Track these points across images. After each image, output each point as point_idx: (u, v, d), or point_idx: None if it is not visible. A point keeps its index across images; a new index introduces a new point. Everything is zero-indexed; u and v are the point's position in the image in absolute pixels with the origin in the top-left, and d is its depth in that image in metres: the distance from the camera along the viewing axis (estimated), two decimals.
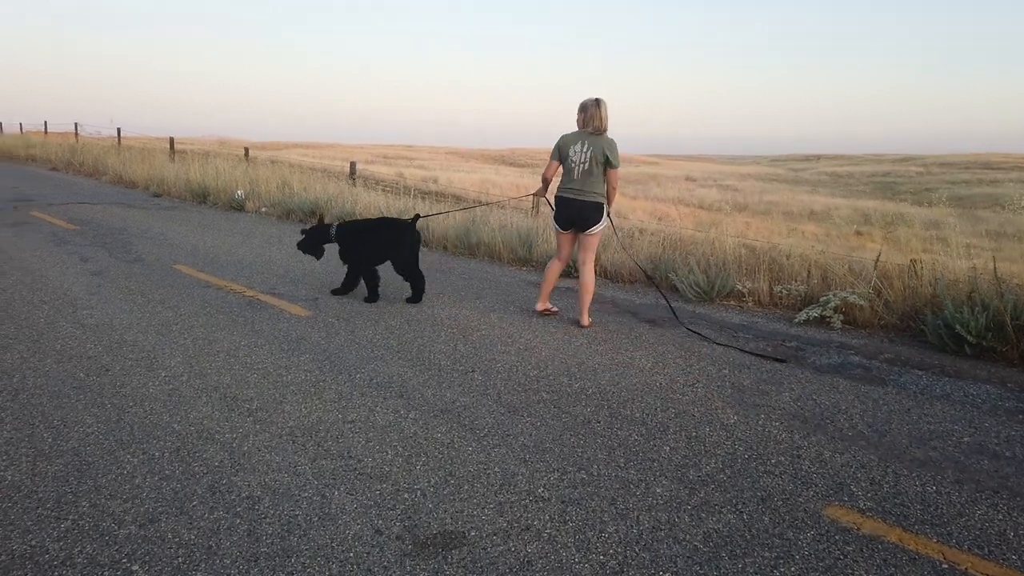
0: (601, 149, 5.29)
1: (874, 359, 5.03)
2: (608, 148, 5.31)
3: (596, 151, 5.30)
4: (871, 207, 24.31)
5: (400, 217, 7.62)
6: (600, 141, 5.31)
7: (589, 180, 5.37)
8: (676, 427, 3.78)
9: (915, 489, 3.15)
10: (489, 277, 7.70)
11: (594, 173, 5.35)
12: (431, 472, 3.23)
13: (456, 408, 3.96)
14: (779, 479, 3.22)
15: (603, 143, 5.30)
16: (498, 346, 5.13)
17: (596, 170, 5.34)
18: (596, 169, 5.33)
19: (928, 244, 8.82)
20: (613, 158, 5.32)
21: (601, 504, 2.98)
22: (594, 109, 5.30)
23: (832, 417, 3.95)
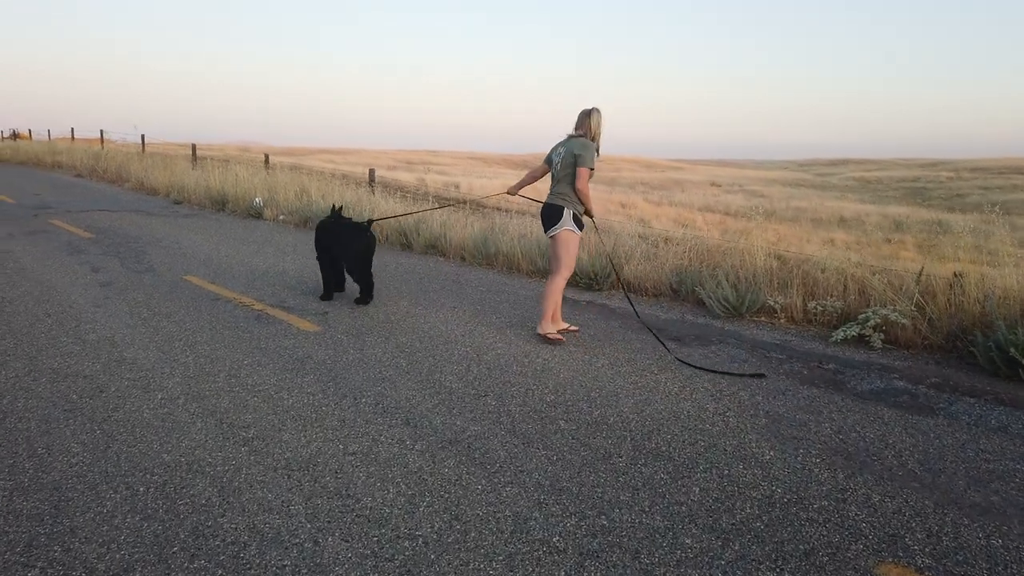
0: (571, 149, 5.25)
1: (920, 384, 4.66)
2: (577, 147, 5.22)
3: (567, 152, 5.28)
4: (902, 213, 23.66)
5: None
6: (572, 142, 5.29)
7: (558, 184, 5.35)
8: (706, 463, 3.45)
9: (978, 542, 2.79)
10: (507, 289, 7.41)
11: (564, 175, 5.31)
12: (435, 515, 2.94)
13: (466, 438, 3.67)
14: (823, 528, 2.88)
15: (573, 143, 5.26)
16: (514, 367, 4.83)
17: (566, 172, 5.29)
18: (566, 171, 5.28)
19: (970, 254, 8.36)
20: (581, 156, 5.18)
21: (623, 557, 2.67)
22: (583, 117, 5.33)
23: (879, 453, 3.60)
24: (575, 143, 5.27)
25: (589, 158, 5.20)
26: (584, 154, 5.19)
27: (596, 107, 5.34)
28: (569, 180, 5.27)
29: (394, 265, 8.62)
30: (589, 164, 5.20)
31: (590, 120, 5.29)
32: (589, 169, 5.21)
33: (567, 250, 5.38)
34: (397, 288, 7.26)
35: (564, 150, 5.33)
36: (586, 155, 5.19)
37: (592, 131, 5.29)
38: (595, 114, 5.30)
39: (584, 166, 5.19)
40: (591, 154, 5.23)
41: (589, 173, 5.23)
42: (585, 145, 5.23)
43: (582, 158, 5.19)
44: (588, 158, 5.20)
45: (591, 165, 5.22)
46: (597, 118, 5.31)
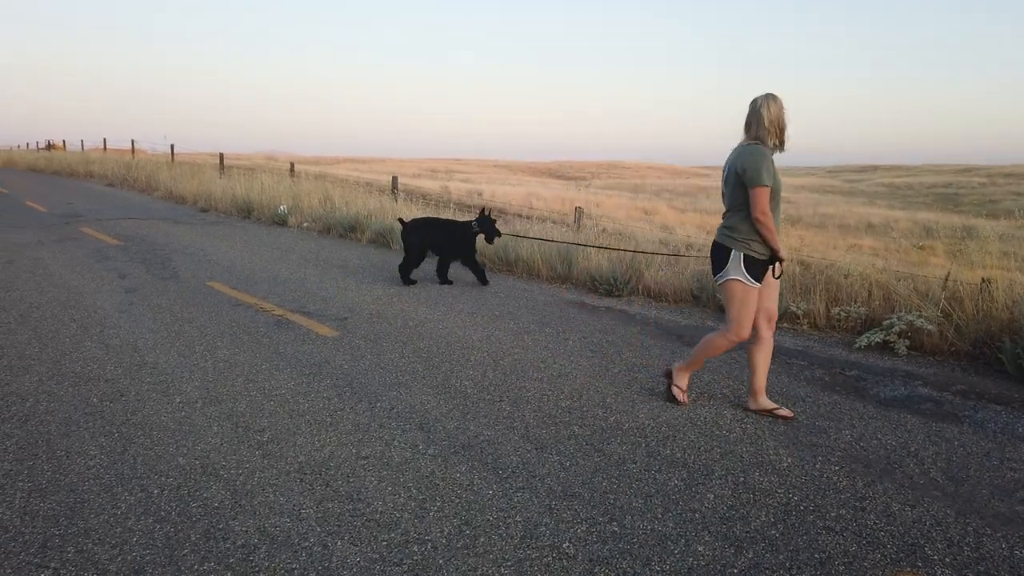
0: (734, 164, 3.84)
1: (945, 391, 4.55)
2: (743, 159, 3.78)
3: (731, 168, 3.89)
4: (932, 219, 23.25)
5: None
6: (737, 152, 3.86)
7: (728, 214, 3.95)
8: (722, 470, 3.39)
9: (1001, 552, 2.71)
10: (526, 295, 7.39)
11: (734, 202, 3.90)
12: (445, 520, 2.92)
13: (479, 443, 3.65)
14: (840, 537, 2.82)
15: (738, 153, 3.84)
16: (530, 372, 4.81)
17: (735, 196, 3.87)
18: (735, 196, 3.87)
19: (1000, 260, 8.17)
20: (749, 171, 3.73)
21: (634, 565, 2.63)
22: (751, 112, 3.85)
23: (900, 461, 3.52)
24: (740, 153, 3.82)
25: (763, 172, 3.70)
26: (754, 167, 3.71)
27: (770, 94, 3.84)
28: (740, 208, 3.83)
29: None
30: (763, 181, 3.69)
31: (761, 115, 3.80)
32: (764, 187, 3.70)
33: (737, 306, 3.90)
34: (416, 294, 7.28)
35: (728, 166, 3.92)
36: (757, 168, 3.70)
37: (767, 130, 3.80)
38: (768, 105, 3.80)
39: (756, 184, 3.70)
40: (765, 166, 3.71)
41: (766, 194, 3.71)
42: (754, 154, 3.74)
43: (751, 174, 3.71)
44: (761, 172, 3.70)
45: (767, 182, 3.70)
46: (774, 110, 3.79)
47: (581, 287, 7.84)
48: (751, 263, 3.85)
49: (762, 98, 3.83)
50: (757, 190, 3.72)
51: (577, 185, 46.20)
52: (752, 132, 3.84)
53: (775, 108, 3.81)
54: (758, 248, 3.84)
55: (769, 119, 3.79)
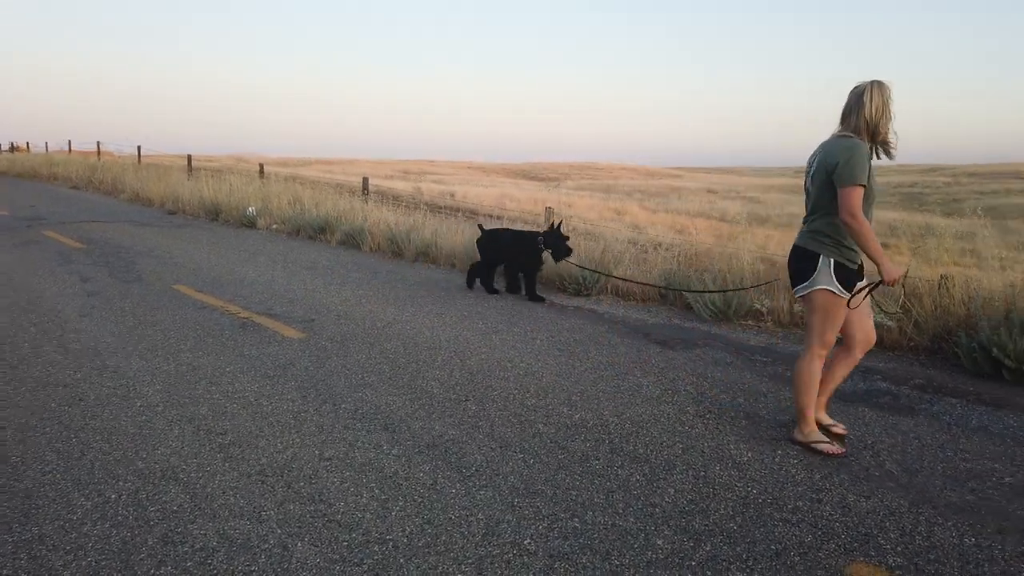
0: (825, 158, 3.38)
1: (903, 385, 4.64)
2: (836, 153, 3.32)
3: (820, 163, 3.42)
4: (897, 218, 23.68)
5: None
6: (829, 145, 3.41)
7: (812, 216, 3.52)
8: (683, 465, 3.43)
9: (951, 541, 2.78)
10: (496, 296, 7.40)
11: (820, 202, 3.45)
12: (407, 519, 2.92)
13: (444, 442, 3.65)
14: (796, 528, 2.86)
15: (831, 147, 3.38)
16: (497, 371, 4.82)
17: (822, 196, 3.42)
18: (822, 195, 3.42)
19: (959, 257, 8.36)
20: (841, 168, 3.28)
21: (593, 559, 2.65)
22: (852, 102, 3.39)
23: (857, 453, 3.58)
24: (834, 146, 3.35)
25: (856, 170, 3.24)
26: (848, 164, 3.25)
27: (876, 81, 3.34)
28: (827, 208, 3.40)
29: (384, 272, 8.62)
30: (857, 180, 3.24)
31: (863, 102, 3.33)
32: (858, 187, 3.24)
33: (822, 319, 3.48)
34: (385, 296, 7.26)
35: (817, 161, 3.44)
36: (851, 164, 3.25)
37: (869, 123, 3.33)
38: (871, 93, 3.32)
39: (848, 184, 3.24)
40: (860, 162, 3.24)
41: (859, 195, 3.24)
42: (850, 148, 3.28)
43: (843, 170, 3.26)
44: (854, 170, 3.24)
45: (862, 181, 3.24)
46: (877, 100, 3.31)
47: (550, 286, 7.86)
48: (843, 271, 3.39)
49: (866, 84, 3.35)
50: (848, 190, 3.24)
51: (550, 186, 46.33)
52: (850, 123, 3.37)
53: (879, 98, 3.31)
54: (850, 255, 3.40)
55: (871, 112, 3.31)
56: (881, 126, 3.34)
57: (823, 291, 3.43)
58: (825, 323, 3.49)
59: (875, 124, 3.33)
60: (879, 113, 3.32)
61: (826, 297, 3.44)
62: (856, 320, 3.60)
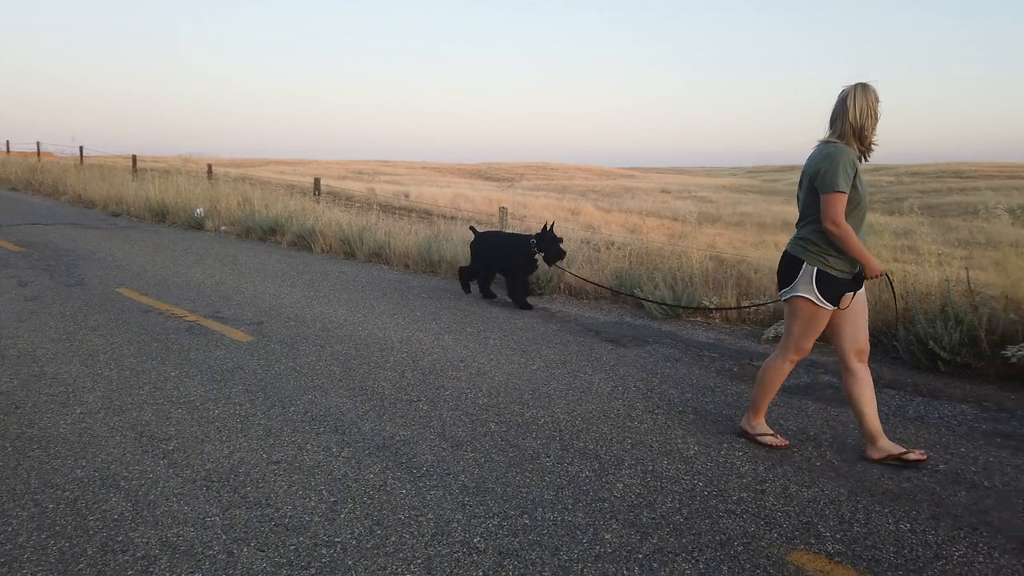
0: (808, 165, 3.40)
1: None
2: (817, 160, 3.33)
3: (804, 170, 3.44)
4: None
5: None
6: (815, 151, 3.41)
7: (802, 223, 3.50)
8: (632, 460, 3.48)
9: (888, 527, 2.87)
10: (449, 296, 7.39)
11: (807, 209, 3.44)
12: (357, 521, 2.90)
13: (395, 443, 3.63)
14: (740, 519, 2.93)
15: (815, 153, 3.39)
16: (449, 371, 4.81)
17: (808, 202, 3.42)
18: (808, 201, 3.42)
19: (899, 254, 8.63)
20: (821, 175, 3.28)
21: (543, 555, 2.67)
22: (837, 106, 3.36)
23: (800, 444, 3.68)
24: (816, 153, 3.36)
25: (839, 176, 3.22)
26: (828, 171, 3.24)
27: (860, 84, 3.30)
28: (813, 216, 3.37)
29: (336, 274, 8.53)
30: (836, 187, 3.22)
31: (847, 110, 3.29)
32: (839, 194, 3.23)
33: (801, 327, 3.45)
34: (337, 297, 7.18)
35: (805, 167, 3.44)
36: (832, 171, 3.23)
37: (854, 127, 3.30)
38: (855, 97, 3.29)
39: (829, 189, 3.23)
40: (841, 169, 3.22)
41: (841, 201, 3.23)
42: (832, 155, 3.26)
43: (824, 177, 3.26)
44: (836, 175, 3.22)
45: (842, 188, 3.22)
46: (861, 103, 3.28)
47: (502, 285, 7.87)
48: (826, 281, 3.34)
49: (850, 88, 3.31)
50: (828, 196, 3.23)
51: (505, 186, 46.41)
52: (836, 128, 3.35)
53: (862, 101, 3.27)
54: (837, 264, 3.33)
55: (855, 115, 3.28)
56: (867, 129, 3.31)
57: (802, 299, 3.40)
58: (803, 331, 3.45)
59: (860, 128, 3.30)
60: (863, 116, 3.28)
61: (805, 305, 3.39)
62: (840, 331, 3.48)
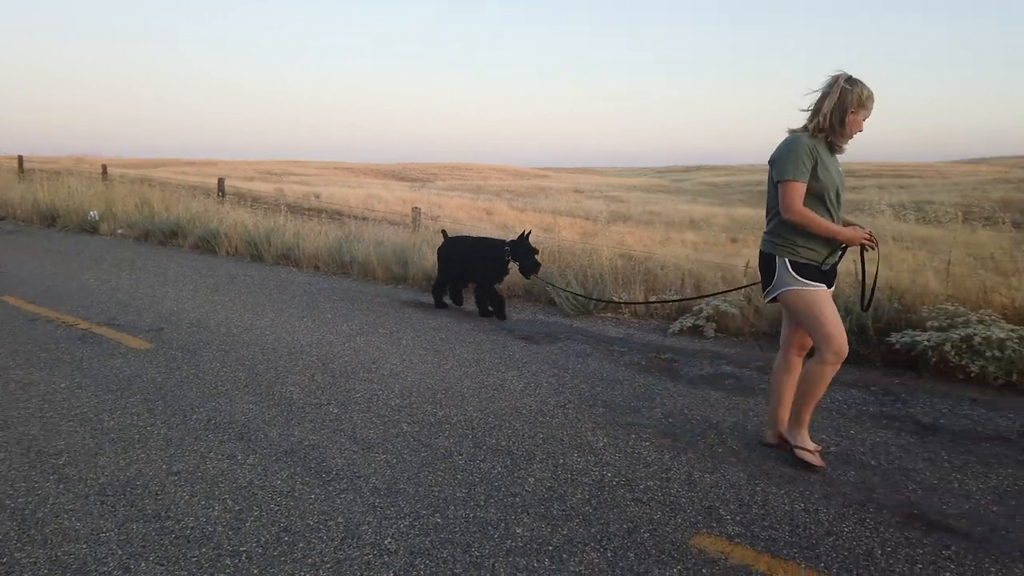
0: (770, 157, 3.32)
1: (745, 368, 4.99)
2: (775, 151, 3.27)
3: (768, 162, 3.35)
4: (746, 214, 25.43)
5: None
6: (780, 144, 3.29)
7: (769, 218, 3.39)
8: (543, 455, 3.52)
9: (784, 508, 3.02)
10: (361, 297, 7.28)
11: (768, 199, 3.38)
12: (263, 529, 2.82)
13: (303, 448, 3.55)
14: (647, 507, 3.02)
15: (779, 146, 3.29)
16: (361, 373, 4.74)
17: (770, 194, 3.35)
18: (770, 193, 3.35)
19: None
20: (775, 165, 3.25)
21: (454, 552, 2.67)
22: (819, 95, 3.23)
23: (703, 432, 3.82)
24: (780, 145, 3.26)
25: (788, 164, 3.15)
26: (779, 158, 3.20)
27: (835, 75, 3.17)
28: (776, 209, 3.28)
29: (242, 277, 8.27)
30: (788, 175, 3.14)
31: (821, 98, 3.19)
32: (791, 183, 3.14)
33: (810, 317, 3.23)
34: (243, 301, 6.96)
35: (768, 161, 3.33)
36: (783, 159, 3.18)
37: (820, 116, 3.17)
38: (830, 88, 3.16)
39: (780, 178, 3.18)
40: (795, 157, 3.14)
41: (794, 189, 3.14)
42: (786, 144, 3.21)
43: (776, 166, 3.22)
44: (786, 164, 3.15)
45: (791, 176, 3.14)
46: (835, 93, 3.14)
47: (418, 287, 7.83)
48: (802, 268, 3.22)
49: (832, 80, 3.16)
50: (783, 186, 3.16)
51: (420, 186, 46.10)
52: (808, 119, 3.25)
53: (840, 92, 3.12)
54: (806, 253, 3.22)
55: (829, 106, 3.14)
56: (833, 120, 3.15)
57: (791, 291, 3.23)
58: (816, 319, 3.21)
59: (827, 118, 3.15)
60: (833, 109, 3.13)
61: (797, 295, 3.22)
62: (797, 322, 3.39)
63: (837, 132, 3.18)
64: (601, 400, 4.31)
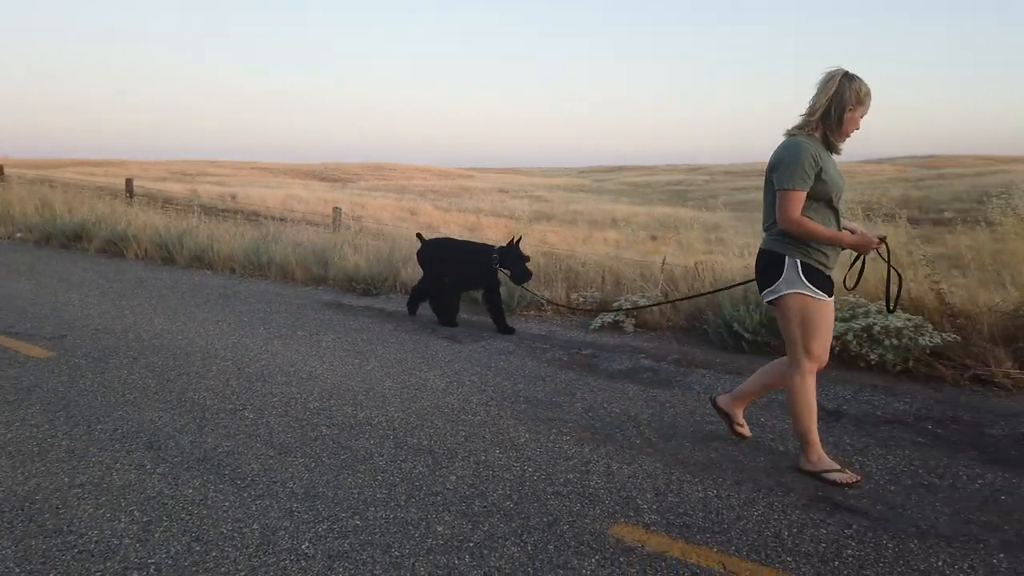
0: (770, 160, 3.16)
1: (663, 361, 5.13)
2: (776, 154, 3.11)
3: (768, 165, 3.17)
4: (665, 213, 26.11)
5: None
6: (778, 146, 3.15)
7: (768, 221, 3.22)
8: (465, 452, 3.53)
9: (698, 495, 3.12)
10: (279, 299, 7.11)
11: (767, 205, 3.21)
12: (173, 539, 2.72)
13: (217, 455, 3.45)
14: (567, 500, 3.06)
15: (775, 150, 3.14)
16: (278, 377, 4.63)
17: (769, 199, 3.18)
18: (769, 198, 3.18)
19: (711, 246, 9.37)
20: (777, 170, 3.07)
21: (374, 554, 2.64)
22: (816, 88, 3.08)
23: (622, 425, 3.90)
24: (779, 146, 3.11)
25: (794, 172, 2.98)
26: (782, 163, 3.03)
27: (837, 70, 3.02)
28: (773, 209, 3.14)
29: (152, 280, 7.95)
30: (790, 184, 2.98)
31: (817, 95, 3.05)
32: (794, 192, 2.99)
33: (802, 328, 3.12)
34: (153, 306, 6.69)
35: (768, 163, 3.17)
36: (787, 165, 3.01)
37: (823, 114, 3.03)
38: (826, 84, 3.02)
39: (781, 186, 3.01)
40: (800, 163, 2.97)
41: (795, 199, 3.00)
42: (788, 147, 3.04)
43: (779, 172, 3.04)
44: (791, 171, 2.99)
45: (794, 185, 2.98)
46: (834, 90, 3.00)
47: (339, 288, 7.71)
48: (813, 272, 3.07)
49: (831, 74, 3.01)
50: (784, 194, 3.00)
51: (342, 187, 45.34)
52: (808, 116, 3.07)
53: (835, 89, 2.98)
54: (819, 257, 3.07)
55: (822, 104, 3.00)
56: (831, 118, 3.02)
57: (795, 295, 3.07)
58: (806, 332, 3.10)
59: (832, 117, 3.02)
60: (826, 105, 3.00)
61: (800, 301, 3.06)
62: None
63: (835, 131, 3.05)
64: (523, 397, 4.34)
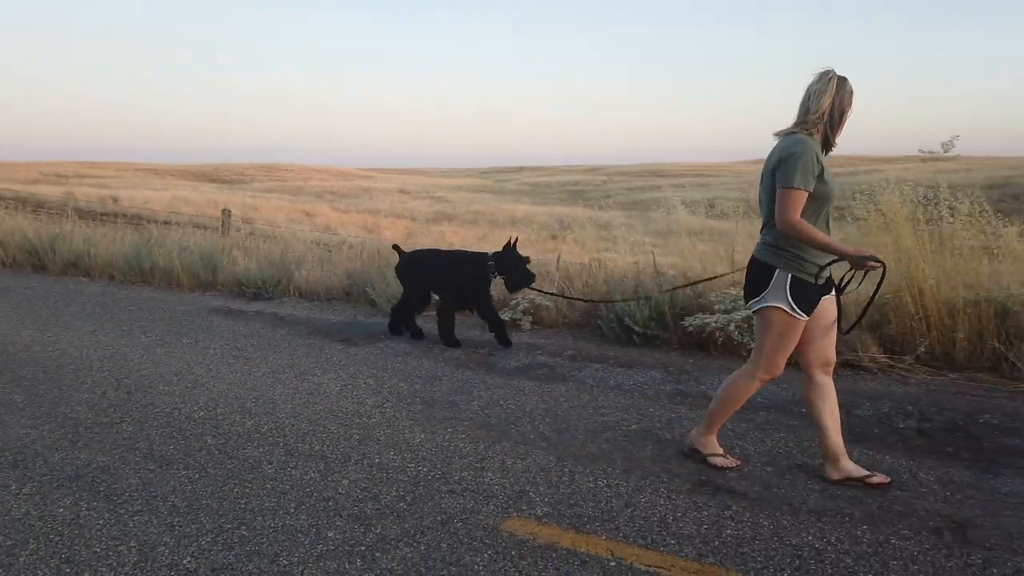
0: (769, 159, 3.09)
1: (558, 357, 5.22)
2: (778, 152, 3.03)
3: (767, 165, 3.10)
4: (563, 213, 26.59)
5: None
6: (776, 145, 3.09)
7: (764, 223, 3.17)
8: (359, 456, 3.47)
9: (588, 486, 3.19)
10: (163, 306, 6.78)
11: (766, 205, 3.12)
12: (41, 562, 2.55)
13: (91, 471, 3.25)
14: (461, 497, 3.07)
15: (776, 147, 3.08)
16: (160, 387, 4.42)
17: (767, 201, 3.10)
18: (767, 200, 3.10)
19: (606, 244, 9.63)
20: (781, 168, 2.98)
21: (261, 564, 2.56)
22: (807, 87, 3.05)
23: (517, 421, 3.95)
24: (779, 145, 3.05)
25: (797, 171, 2.91)
26: (788, 164, 2.94)
27: (830, 70, 3.00)
28: (772, 212, 3.05)
29: (20, 289, 7.41)
30: (796, 182, 2.91)
31: (817, 96, 2.99)
32: (797, 191, 2.92)
33: (774, 341, 3.11)
34: (21, 316, 6.24)
35: (766, 164, 3.10)
36: (793, 164, 2.92)
37: (822, 115, 2.99)
38: (827, 85, 2.98)
39: (786, 184, 2.93)
40: (804, 163, 2.91)
41: (799, 198, 2.93)
42: (793, 145, 2.96)
43: (783, 170, 2.95)
44: (795, 170, 2.91)
45: (798, 184, 2.91)
46: (823, 91, 2.98)
47: (228, 292, 7.44)
48: (801, 288, 3.02)
49: (824, 74, 3.00)
50: (786, 192, 2.93)
51: (233, 188, 43.67)
52: (802, 116, 3.03)
53: (835, 89, 2.97)
54: (811, 269, 3.02)
55: (817, 105, 2.97)
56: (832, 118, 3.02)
57: (776, 309, 3.06)
58: (777, 345, 3.11)
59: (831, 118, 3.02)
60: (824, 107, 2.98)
61: (779, 316, 3.06)
62: (811, 340, 3.19)
63: (836, 131, 3.06)
64: (419, 397, 4.32)
